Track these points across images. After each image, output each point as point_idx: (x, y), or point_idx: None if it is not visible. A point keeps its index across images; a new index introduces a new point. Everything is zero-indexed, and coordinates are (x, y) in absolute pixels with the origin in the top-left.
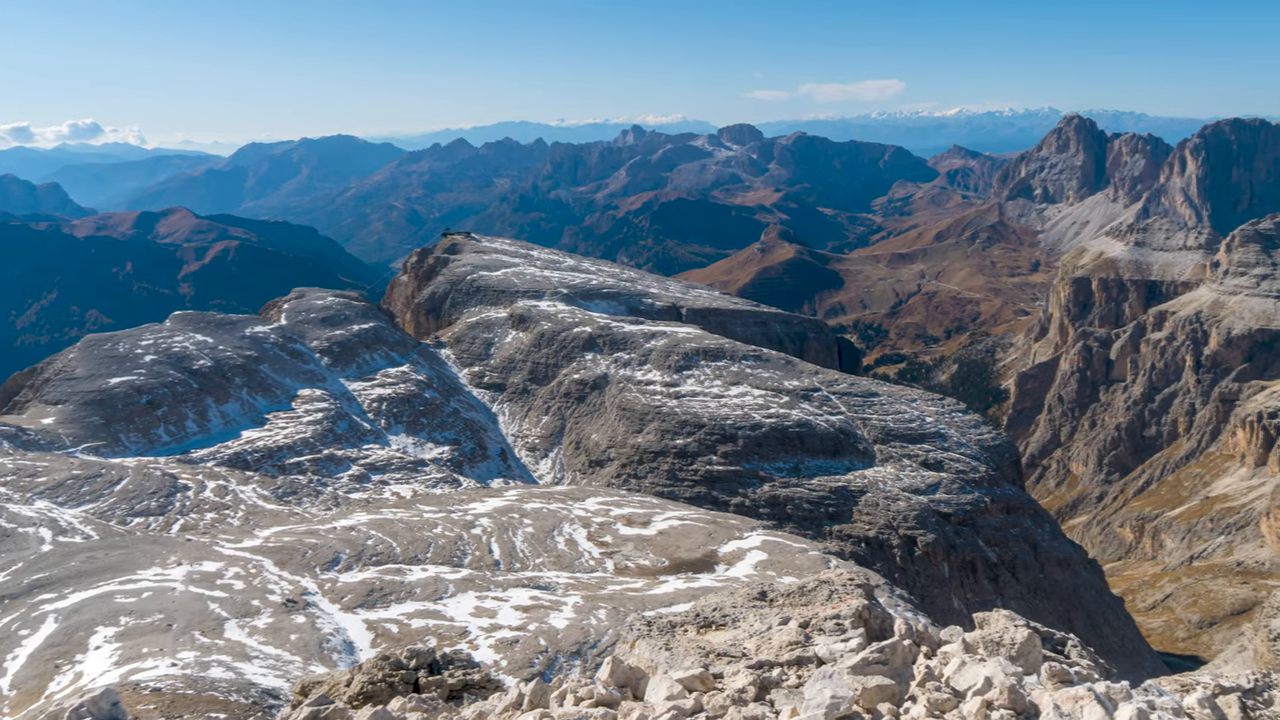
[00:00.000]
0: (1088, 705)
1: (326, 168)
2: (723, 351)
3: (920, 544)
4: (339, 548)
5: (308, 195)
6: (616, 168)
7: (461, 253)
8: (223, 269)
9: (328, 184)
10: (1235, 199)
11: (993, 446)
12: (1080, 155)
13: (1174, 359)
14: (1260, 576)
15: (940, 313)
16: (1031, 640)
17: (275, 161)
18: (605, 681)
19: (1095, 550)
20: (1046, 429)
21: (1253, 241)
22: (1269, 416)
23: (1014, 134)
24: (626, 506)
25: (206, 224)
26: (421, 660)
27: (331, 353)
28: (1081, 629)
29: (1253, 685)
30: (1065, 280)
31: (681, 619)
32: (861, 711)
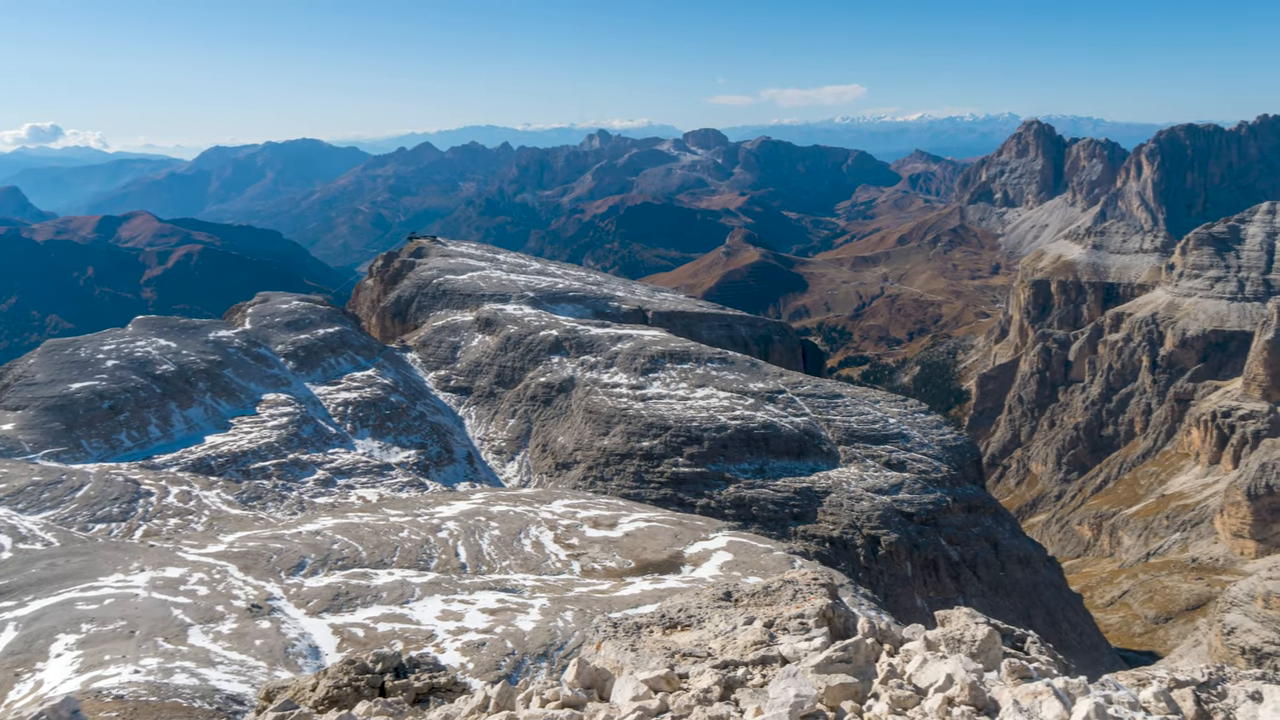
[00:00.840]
0: (1046, 700)
1: (291, 171)
2: (688, 354)
3: (884, 543)
4: (304, 552)
5: (272, 199)
6: (582, 172)
7: (427, 256)
8: (186, 273)
9: (292, 188)
10: (1190, 203)
11: (954, 447)
12: (1039, 160)
13: (1131, 360)
14: (1214, 572)
15: (903, 315)
16: (992, 637)
17: (239, 165)
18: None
19: (1054, 548)
20: (1007, 429)
21: (1206, 244)
22: (1222, 416)
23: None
24: (593, 509)
25: (169, 228)
26: (387, 664)
27: (296, 357)
28: (1041, 626)
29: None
30: (1025, 283)
31: (647, 620)
32: (825, 709)
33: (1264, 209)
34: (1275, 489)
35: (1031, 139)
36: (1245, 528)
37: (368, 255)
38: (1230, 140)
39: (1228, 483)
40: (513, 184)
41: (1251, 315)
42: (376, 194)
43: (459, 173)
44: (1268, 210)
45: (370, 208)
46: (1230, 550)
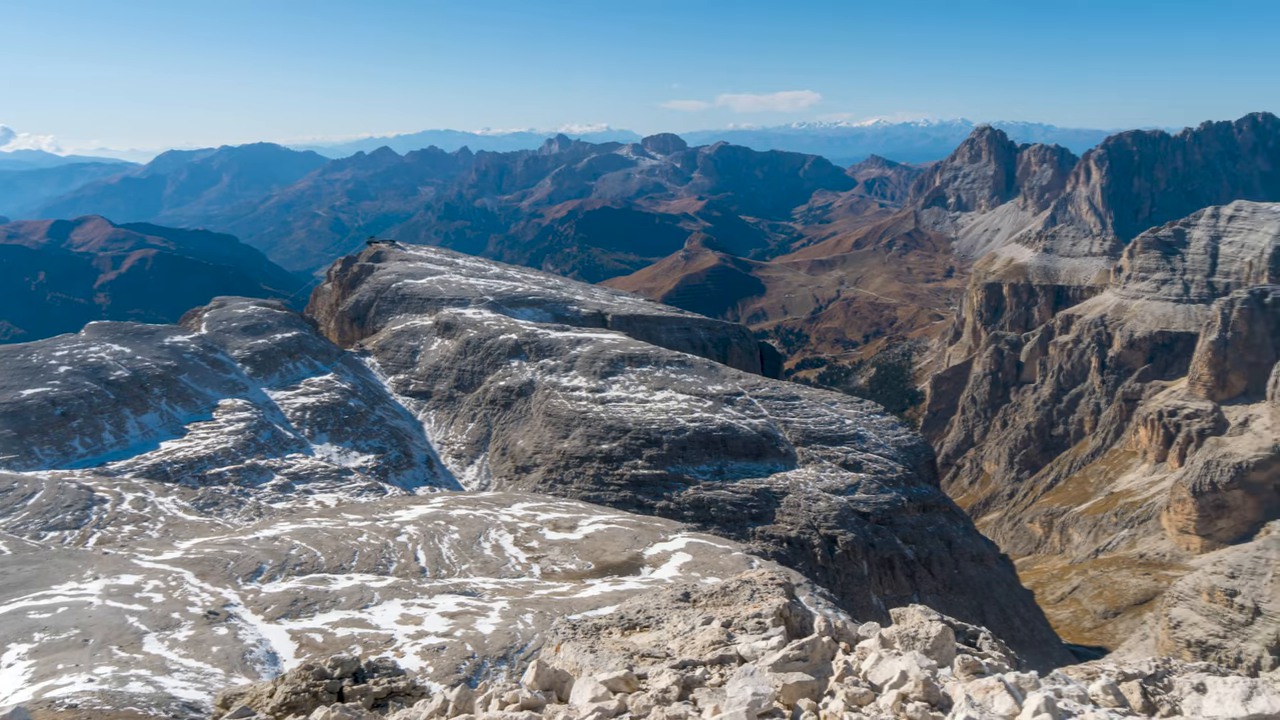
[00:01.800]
0: (998, 695)
1: (248, 175)
2: (647, 357)
3: (840, 543)
4: (262, 558)
5: (229, 203)
6: (542, 176)
7: (386, 261)
8: (140, 278)
9: (249, 192)
10: (1137, 207)
11: (909, 447)
12: (992, 165)
13: (1080, 361)
14: (1161, 567)
15: (859, 318)
16: (945, 634)
17: (195, 169)
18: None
19: (1007, 545)
20: (960, 429)
21: (1153, 248)
22: (1168, 415)
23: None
24: (553, 511)
25: (123, 232)
26: (346, 669)
27: (254, 362)
28: (994, 622)
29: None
30: (978, 286)
31: (606, 621)
32: (782, 707)
33: (1208, 213)
34: (1219, 486)
35: (984, 145)
36: (1190, 524)
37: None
38: (1175, 146)
39: (1174, 480)
40: (472, 188)
41: (1196, 317)
42: (334, 198)
43: (418, 177)
44: (1211, 215)
45: (328, 212)
46: (1176, 546)
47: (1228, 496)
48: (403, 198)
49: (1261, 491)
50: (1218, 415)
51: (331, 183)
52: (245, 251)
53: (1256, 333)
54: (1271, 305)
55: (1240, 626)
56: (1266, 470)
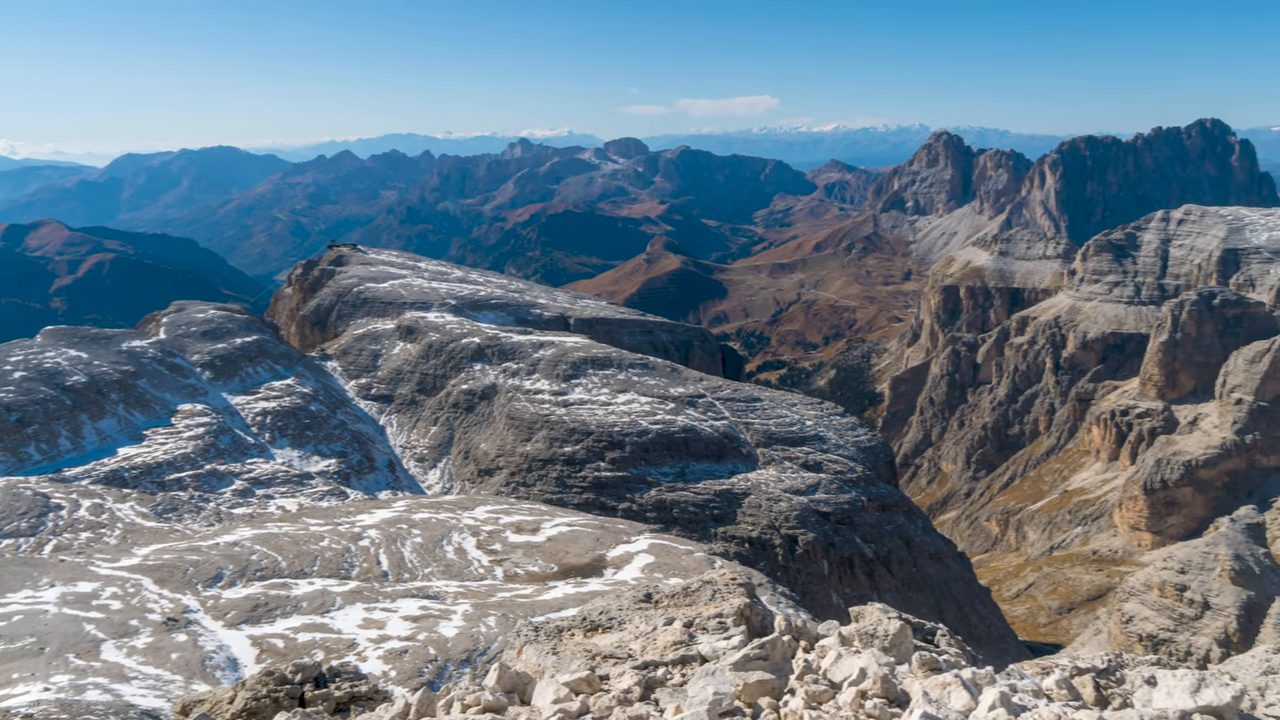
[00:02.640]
0: (955, 691)
1: (207, 179)
2: (610, 360)
3: (801, 542)
4: (222, 563)
5: (188, 207)
6: (504, 180)
7: (348, 264)
8: (98, 282)
9: (209, 196)
10: (1090, 211)
11: (869, 447)
12: (949, 170)
13: (1035, 362)
14: (1114, 564)
15: (819, 320)
16: (903, 631)
17: (153, 172)
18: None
19: (964, 544)
20: (918, 430)
21: (1105, 251)
22: (1120, 414)
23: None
24: (516, 514)
25: (80, 236)
26: (307, 674)
27: (213, 366)
28: (951, 619)
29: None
30: (935, 288)
31: (569, 623)
32: (743, 706)
33: (1158, 217)
34: (1169, 483)
35: (941, 149)
36: (1142, 521)
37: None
38: (1127, 151)
39: (1126, 478)
40: (434, 192)
41: (1147, 318)
42: (295, 202)
43: (380, 181)
44: (1161, 218)
45: (289, 216)
46: (1128, 542)
47: (1178, 494)
48: (364, 201)
49: (1210, 489)
50: (1168, 414)
51: (292, 186)
52: (205, 255)
53: (1205, 334)
54: (1219, 307)
55: (1190, 621)
56: (1215, 468)
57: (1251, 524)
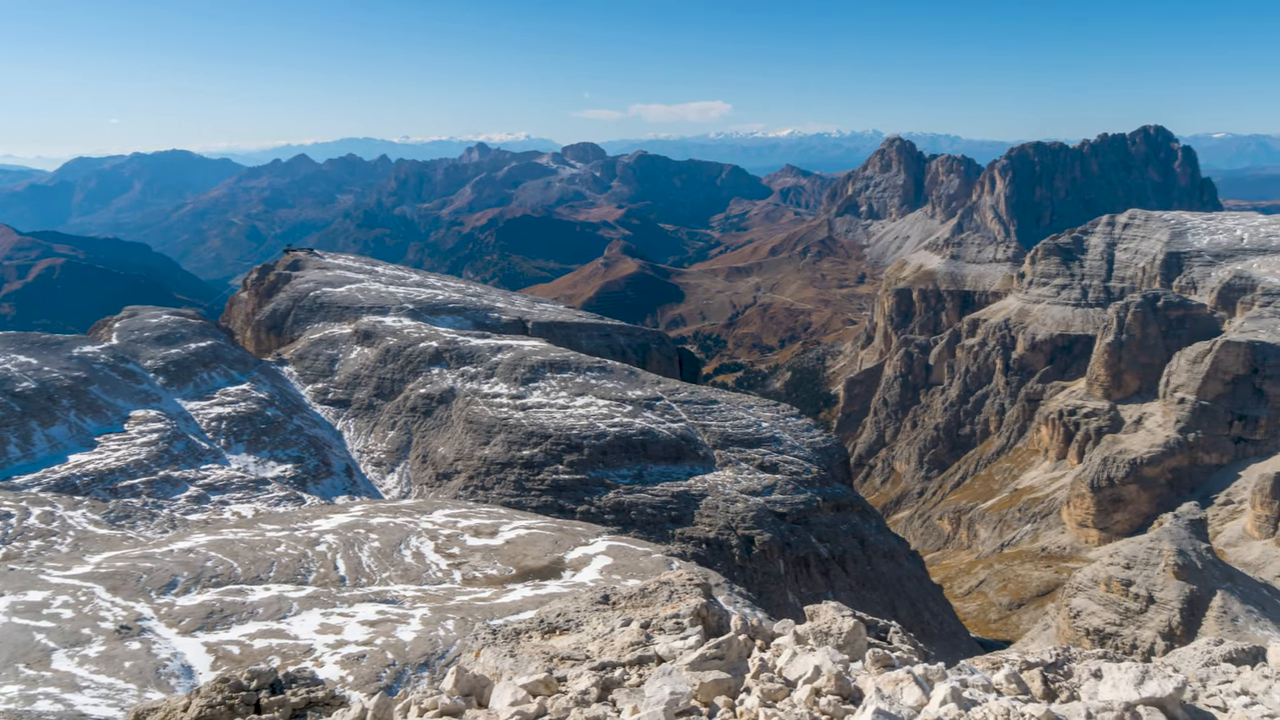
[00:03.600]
0: (907, 686)
1: (161, 183)
2: (568, 364)
3: (758, 543)
4: (176, 570)
5: (140, 211)
6: (462, 184)
7: (304, 269)
8: (48, 287)
9: (162, 200)
10: (1038, 215)
11: (824, 448)
12: (901, 175)
13: (986, 363)
14: (1062, 560)
15: (775, 323)
16: (857, 629)
17: (105, 176)
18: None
19: (917, 542)
20: (872, 430)
21: (1053, 254)
22: (1068, 414)
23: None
24: (474, 518)
25: (29, 240)
26: (263, 680)
27: (167, 372)
28: (905, 616)
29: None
30: (888, 291)
31: (526, 625)
32: (700, 705)
33: (1104, 221)
34: (1115, 481)
35: (894, 155)
36: (1089, 518)
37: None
38: (1074, 157)
39: (1073, 476)
40: (391, 196)
41: (1094, 320)
42: (251, 206)
43: (336, 185)
44: (1107, 223)
45: (244, 220)
46: (1076, 539)
47: (1123, 491)
48: (321, 206)
49: (1154, 486)
50: (1114, 414)
51: (247, 190)
52: (158, 260)
53: (1149, 335)
54: (1163, 309)
55: (1135, 615)
56: (1159, 465)
57: (1194, 520)
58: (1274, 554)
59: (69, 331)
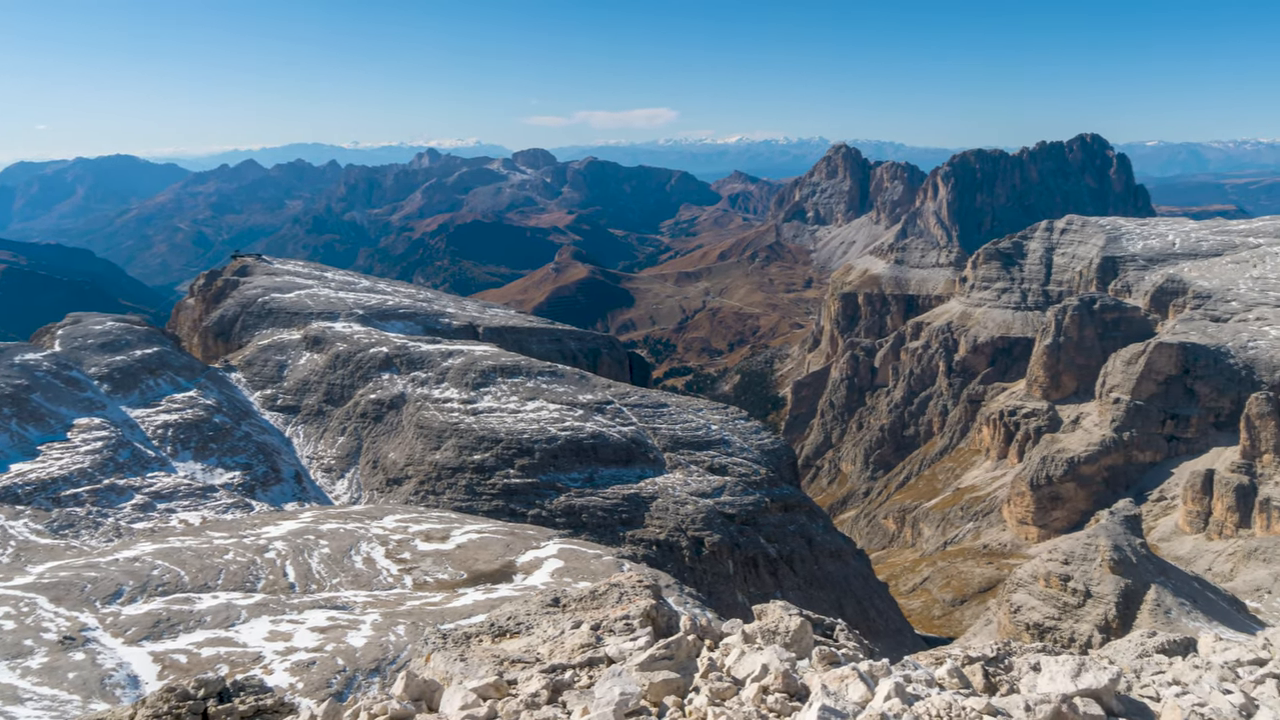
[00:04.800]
0: (852, 683)
1: (105, 188)
2: (519, 368)
3: (707, 544)
4: (122, 580)
5: (84, 217)
6: (412, 190)
7: (252, 275)
8: None
9: (106, 205)
10: (979, 221)
11: (772, 450)
12: (847, 181)
13: (929, 365)
14: (1003, 557)
15: (724, 327)
16: (804, 627)
17: (47, 181)
18: (399, 696)
19: (863, 541)
20: (819, 432)
21: (994, 259)
22: (1008, 414)
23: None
24: (425, 523)
25: None
26: (210, 689)
27: (112, 379)
28: (851, 614)
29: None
30: (835, 295)
31: (477, 629)
32: (649, 705)
33: (1043, 227)
34: (1053, 479)
35: (840, 162)
36: (1029, 515)
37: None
38: (1014, 164)
39: (1013, 475)
40: (341, 202)
41: (1033, 323)
42: (198, 211)
43: (285, 190)
44: (1045, 228)
45: (191, 226)
46: (1016, 536)
47: (1061, 489)
48: (269, 211)
49: (1091, 483)
50: (1052, 414)
51: (194, 196)
52: (103, 266)
53: (1086, 337)
54: (1099, 312)
55: (1073, 609)
56: (1095, 464)
57: (1129, 516)
58: (1205, 548)
59: (10, 339)
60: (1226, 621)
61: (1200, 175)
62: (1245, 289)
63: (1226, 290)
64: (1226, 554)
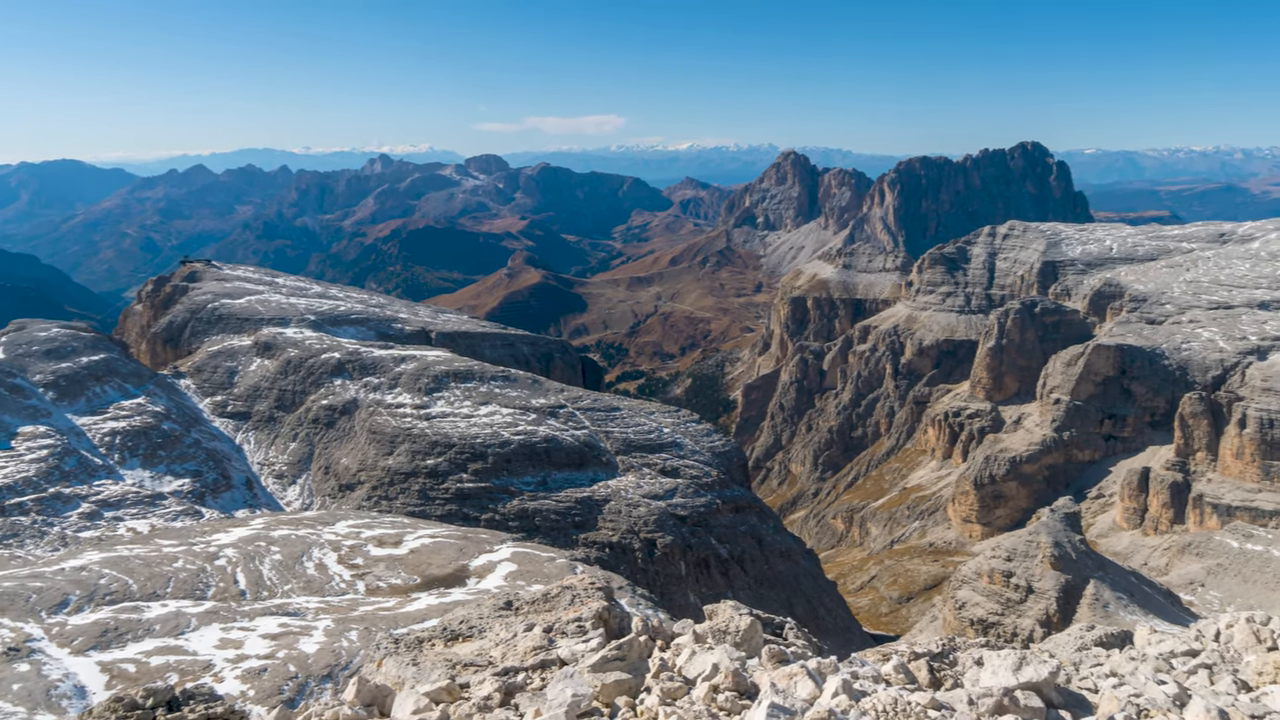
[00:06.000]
0: (800, 680)
1: (50, 193)
2: (472, 373)
3: (659, 545)
4: (68, 589)
5: (28, 222)
6: (364, 195)
7: (202, 280)
8: None
9: (51, 210)
10: (925, 226)
11: (723, 452)
12: (796, 187)
13: (876, 368)
14: (948, 554)
15: (675, 331)
16: (754, 627)
17: None
18: (351, 702)
19: (812, 541)
20: (770, 434)
21: (938, 264)
22: (953, 415)
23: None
24: (378, 528)
25: None
26: (159, 698)
27: (58, 386)
28: (801, 613)
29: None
30: (784, 300)
31: (429, 634)
32: (601, 706)
33: (985, 232)
34: (996, 478)
35: (789, 168)
36: (973, 513)
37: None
38: (958, 171)
39: (958, 475)
40: (292, 207)
41: (977, 326)
42: (146, 217)
43: (235, 196)
44: (988, 233)
45: (139, 231)
46: (961, 534)
47: (1004, 487)
48: (219, 217)
49: (1033, 482)
50: (995, 414)
51: (142, 201)
52: (47, 272)
53: (1027, 339)
54: (1040, 315)
55: (1016, 604)
56: (1036, 463)
57: (1069, 513)
58: (1141, 543)
59: None
60: (1162, 614)
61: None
62: (1179, 292)
63: (1161, 294)
64: (1162, 549)
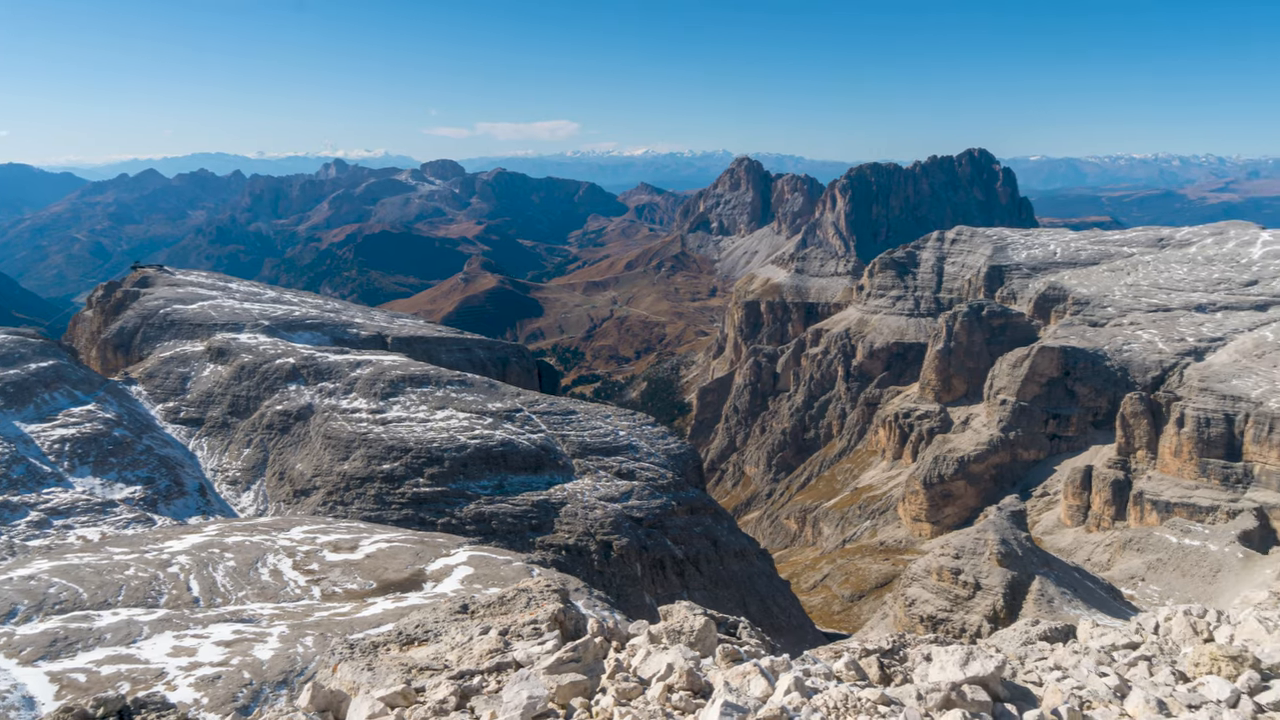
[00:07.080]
0: (753, 678)
1: None
2: (428, 378)
3: (616, 547)
4: (16, 598)
5: None
6: (319, 200)
7: (154, 286)
8: None
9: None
10: (875, 231)
11: (678, 455)
12: (750, 193)
13: (828, 370)
14: (899, 553)
15: (631, 335)
16: (708, 626)
17: None
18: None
19: (766, 541)
20: (724, 436)
21: (888, 268)
22: (903, 416)
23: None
24: (333, 533)
25: None
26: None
27: (5, 393)
28: (755, 612)
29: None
30: (738, 304)
31: (385, 638)
32: (556, 708)
33: (934, 237)
34: (945, 478)
35: (743, 174)
36: (922, 512)
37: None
38: (907, 177)
39: (908, 474)
40: (246, 212)
41: (926, 329)
42: (96, 222)
43: (188, 201)
44: (937, 239)
45: (88, 236)
46: (911, 533)
47: (952, 487)
48: (171, 222)
49: (980, 481)
50: (944, 415)
51: (92, 205)
52: None
53: (975, 342)
54: (987, 318)
55: (964, 601)
56: (984, 462)
57: (1015, 511)
58: (1084, 540)
59: None
60: (1104, 609)
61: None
62: (1120, 295)
63: (1103, 297)
64: (1104, 545)
